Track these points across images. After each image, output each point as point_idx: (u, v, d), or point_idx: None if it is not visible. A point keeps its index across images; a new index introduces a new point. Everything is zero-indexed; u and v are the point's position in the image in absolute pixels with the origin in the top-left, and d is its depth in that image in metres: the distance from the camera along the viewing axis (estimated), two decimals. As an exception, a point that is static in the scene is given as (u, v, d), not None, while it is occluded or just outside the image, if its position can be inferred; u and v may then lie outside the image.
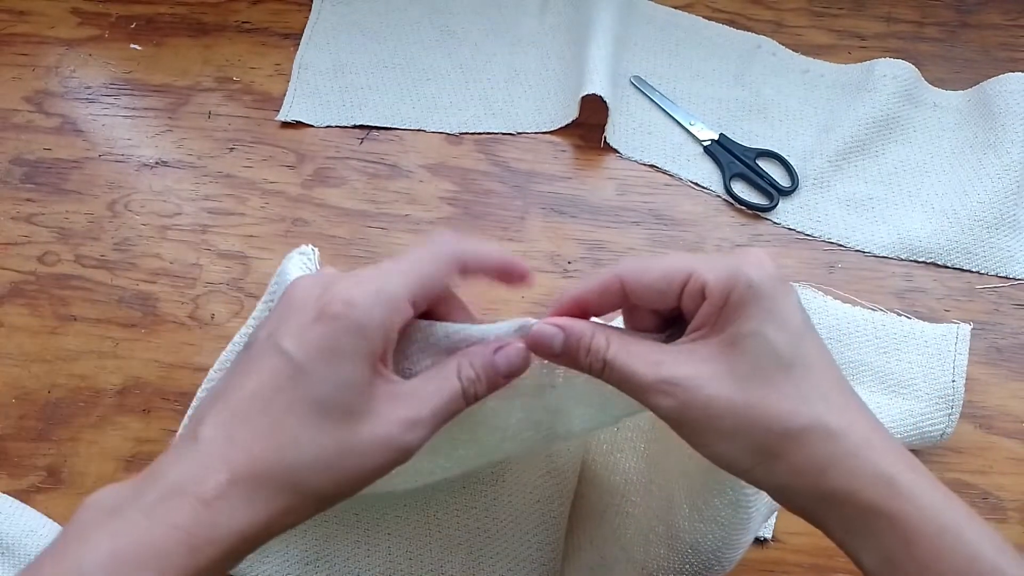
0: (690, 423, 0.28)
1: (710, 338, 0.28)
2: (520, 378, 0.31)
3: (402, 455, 0.28)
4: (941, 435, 0.47)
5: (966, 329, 0.50)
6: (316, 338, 0.26)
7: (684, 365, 0.28)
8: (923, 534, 0.26)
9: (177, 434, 0.28)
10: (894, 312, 0.52)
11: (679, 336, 0.30)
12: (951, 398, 0.47)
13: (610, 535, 0.42)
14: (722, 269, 0.28)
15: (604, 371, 0.29)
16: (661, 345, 0.29)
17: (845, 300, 0.52)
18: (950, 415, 0.47)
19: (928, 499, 0.26)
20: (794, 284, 0.51)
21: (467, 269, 0.30)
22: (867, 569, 0.27)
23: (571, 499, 0.43)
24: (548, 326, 0.30)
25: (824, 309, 0.51)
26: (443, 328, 0.31)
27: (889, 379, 0.48)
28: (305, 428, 0.26)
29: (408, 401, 0.28)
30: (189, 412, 0.42)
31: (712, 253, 0.55)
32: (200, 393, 0.39)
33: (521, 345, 0.30)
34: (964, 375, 0.48)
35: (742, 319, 0.27)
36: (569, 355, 0.30)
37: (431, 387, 0.29)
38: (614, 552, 0.42)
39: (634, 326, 0.32)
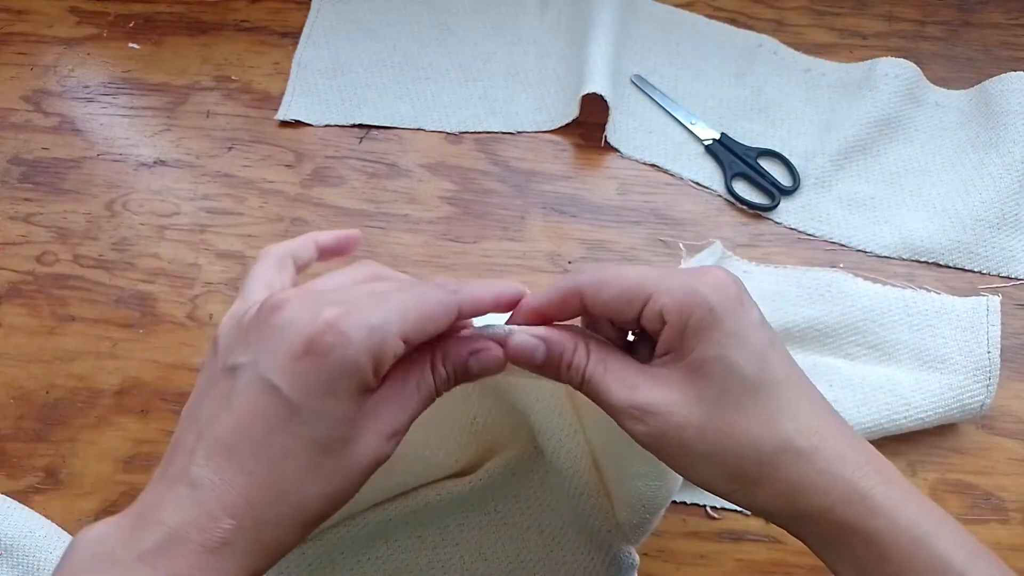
0: (664, 448, 0.28)
1: (678, 362, 0.28)
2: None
3: (383, 462, 0.28)
4: (981, 406, 0.47)
5: (996, 301, 0.50)
6: (307, 375, 0.25)
7: (655, 391, 0.28)
8: (896, 546, 0.26)
9: (164, 459, 0.27)
10: (923, 288, 0.52)
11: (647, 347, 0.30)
12: (988, 369, 0.48)
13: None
14: (680, 292, 0.28)
15: (582, 386, 0.29)
16: (638, 366, 0.29)
17: (875, 280, 0.52)
18: (988, 386, 0.47)
19: (901, 511, 0.27)
20: (824, 269, 0.52)
21: (464, 315, 0.29)
22: None
23: (578, 438, 0.43)
24: (529, 338, 0.30)
25: (855, 290, 0.51)
26: None
27: (925, 355, 0.49)
28: (305, 468, 0.26)
29: (389, 411, 0.27)
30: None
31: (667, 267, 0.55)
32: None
33: (499, 353, 0.29)
34: (998, 346, 0.48)
35: (705, 343, 0.27)
36: (551, 367, 0.30)
37: (409, 390, 0.28)
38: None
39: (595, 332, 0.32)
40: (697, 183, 0.58)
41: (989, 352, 0.48)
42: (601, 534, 0.43)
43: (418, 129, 0.61)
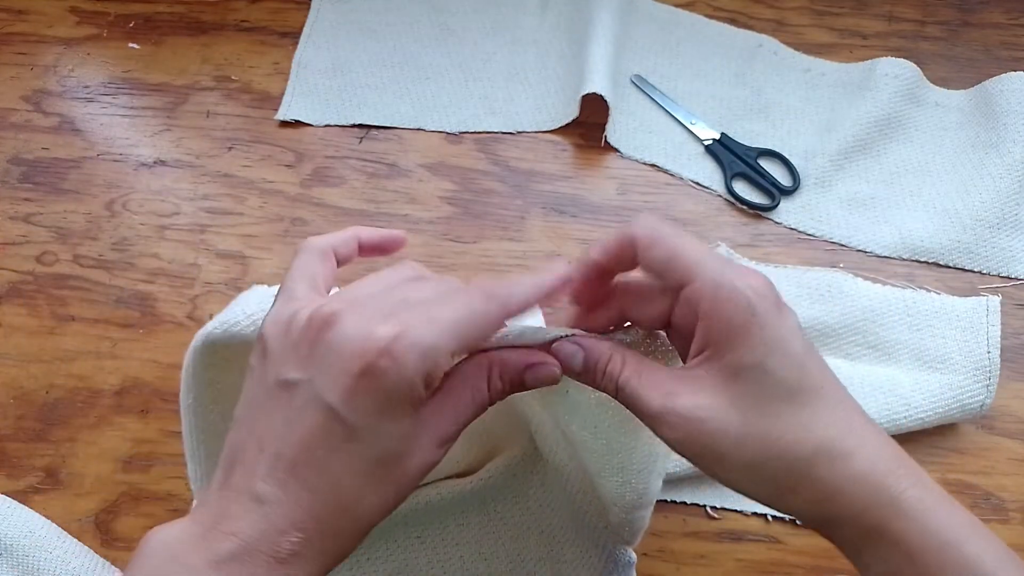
0: (700, 456, 0.28)
1: (713, 362, 0.28)
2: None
3: (434, 466, 0.29)
4: (980, 406, 0.47)
5: (996, 301, 0.50)
6: (364, 395, 0.26)
7: (692, 396, 0.28)
8: (925, 550, 0.26)
9: (222, 465, 0.28)
10: (923, 288, 0.52)
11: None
12: (988, 369, 0.48)
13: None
14: (723, 288, 0.28)
15: (617, 393, 0.30)
16: (673, 372, 0.30)
17: (875, 280, 0.52)
18: (988, 386, 0.47)
19: (931, 515, 0.27)
20: (825, 269, 0.52)
21: (509, 319, 0.29)
22: None
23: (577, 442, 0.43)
24: (570, 344, 0.31)
25: (856, 291, 0.51)
26: None
27: (925, 355, 0.49)
28: (365, 484, 0.27)
29: (441, 420, 0.28)
30: (182, 435, 0.41)
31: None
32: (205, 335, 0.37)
33: (555, 367, 0.30)
34: (998, 346, 0.49)
35: (744, 348, 0.27)
36: (588, 374, 0.31)
37: (463, 400, 0.29)
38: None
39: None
40: (697, 183, 0.58)
41: (989, 352, 0.48)
42: (597, 531, 0.43)
43: (418, 129, 0.61)
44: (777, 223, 0.56)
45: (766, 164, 0.58)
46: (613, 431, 0.35)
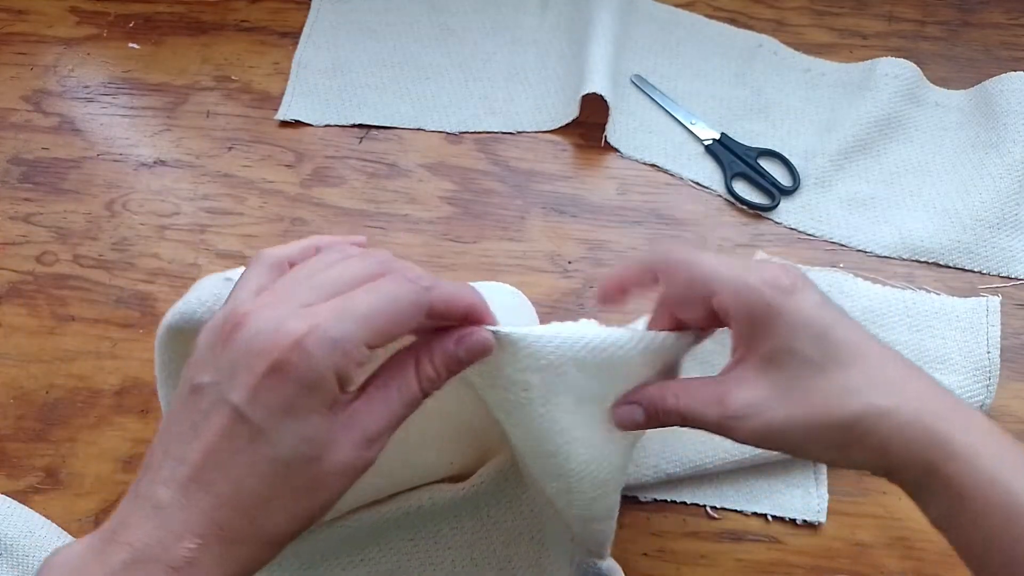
0: (765, 441, 0.31)
1: (749, 359, 0.31)
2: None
3: (364, 469, 0.27)
4: (980, 406, 0.47)
5: (995, 301, 0.50)
6: (270, 394, 0.25)
7: (738, 397, 0.31)
8: (974, 487, 0.28)
9: (138, 475, 0.27)
10: (923, 289, 0.52)
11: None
12: (988, 369, 0.48)
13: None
14: (741, 291, 0.30)
15: (684, 422, 0.32)
16: (719, 380, 0.32)
17: (875, 281, 0.52)
18: (988, 386, 0.48)
19: (980, 454, 0.28)
20: (825, 269, 0.52)
21: (433, 315, 0.28)
22: (932, 521, 0.30)
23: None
24: (629, 407, 0.33)
25: (856, 291, 0.51)
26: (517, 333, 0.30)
27: (925, 356, 0.49)
28: (271, 488, 0.26)
29: (365, 419, 0.27)
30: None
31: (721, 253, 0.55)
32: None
33: (485, 334, 0.29)
34: (998, 346, 0.49)
35: (770, 338, 0.30)
36: (653, 420, 0.33)
37: (390, 395, 0.28)
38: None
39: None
40: (697, 183, 0.58)
41: (989, 352, 0.49)
42: (563, 543, 0.43)
43: (418, 129, 0.61)
44: (777, 223, 0.56)
45: (766, 164, 0.58)
46: (551, 434, 0.34)
